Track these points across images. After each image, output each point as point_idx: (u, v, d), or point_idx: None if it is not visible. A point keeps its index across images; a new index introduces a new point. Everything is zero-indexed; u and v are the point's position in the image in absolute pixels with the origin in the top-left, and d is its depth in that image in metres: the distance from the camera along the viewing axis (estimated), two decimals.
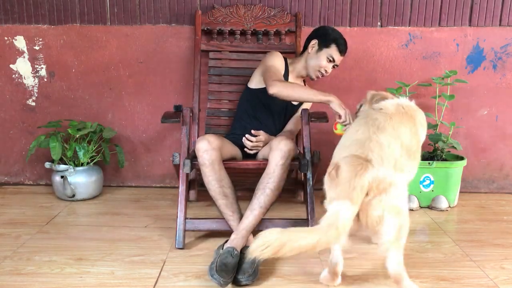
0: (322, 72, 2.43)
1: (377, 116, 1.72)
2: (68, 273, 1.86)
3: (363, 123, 1.72)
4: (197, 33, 2.73)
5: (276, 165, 1.98)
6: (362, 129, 1.68)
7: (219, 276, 1.71)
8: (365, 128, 1.67)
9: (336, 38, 2.41)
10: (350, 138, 1.70)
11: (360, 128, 1.70)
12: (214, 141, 2.02)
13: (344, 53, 2.44)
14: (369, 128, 1.66)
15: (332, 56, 2.39)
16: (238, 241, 1.92)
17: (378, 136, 1.62)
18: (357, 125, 1.75)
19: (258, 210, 1.98)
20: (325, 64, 2.40)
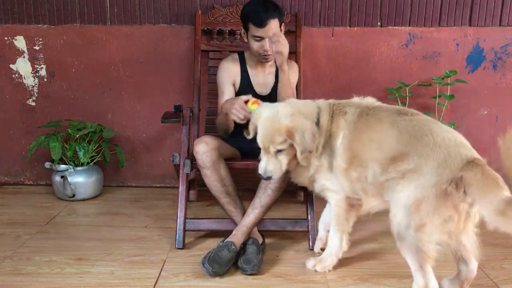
0: (263, 53, 2.14)
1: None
2: (68, 273, 1.86)
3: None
4: (197, 33, 2.73)
5: None
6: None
7: (209, 266, 1.77)
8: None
9: (248, 13, 2.09)
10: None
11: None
12: (211, 142, 2.02)
13: (265, 22, 2.03)
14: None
15: (256, 35, 2.08)
16: (238, 237, 1.95)
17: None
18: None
19: (259, 209, 2.00)
20: (256, 47, 2.12)
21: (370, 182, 1.68)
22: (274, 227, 2.15)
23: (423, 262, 1.53)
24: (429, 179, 1.48)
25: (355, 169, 1.71)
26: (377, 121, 1.69)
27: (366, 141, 1.69)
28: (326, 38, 2.84)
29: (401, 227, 1.54)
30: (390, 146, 1.62)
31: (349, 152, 1.72)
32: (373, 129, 1.69)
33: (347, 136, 1.73)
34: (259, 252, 1.92)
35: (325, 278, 1.85)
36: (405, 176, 1.55)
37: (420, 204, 1.48)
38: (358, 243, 2.17)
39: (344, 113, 1.77)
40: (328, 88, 2.87)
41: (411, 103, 2.80)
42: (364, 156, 1.68)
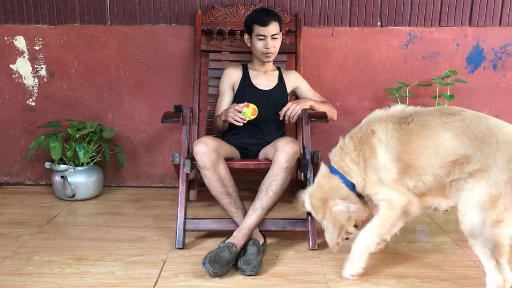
0: (265, 51, 2.36)
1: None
2: (68, 273, 1.86)
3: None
4: (197, 33, 2.73)
5: (280, 168, 1.99)
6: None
7: (210, 266, 1.78)
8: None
9: (252, 18, 2.36)
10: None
11: None
12: (211, 143, 2.02)
13: (268, 22, 2.30)
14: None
15: (260, 34, 2.32)
16: (239, 238, 1.95)
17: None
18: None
19: (260, 211, 2.01)
20: (260, 45, 2.35)
21: (430, 186, 1.68)
22: (274, 227, 2.15)
23: (500, 257, 1.54)
24: (501, 176, 1.49)
25: (410, 178, 1.70)
26: (425, 127, 1.67)
27: (419, 149, 1.67)
28: (326, 38, 2.85)
29: (475, 225, 1.54)
30: (449, 149, 1.61)
31: (399, 164, 1.71)
32: (423, 136, 1.66)
33: (391, 150, 1.72)
34: (259, 253, 1.93)
35: (325, 278, 1.85)
36: (474, 175, 1.55)
37: (496, 201, 1.49)
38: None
39: (372, 133, 1.77)
40: (328, 88, 2.87)
41: (411, 103, 2.78)
42: (420, 165, 1.67)
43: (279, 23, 2.37)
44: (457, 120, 1.63)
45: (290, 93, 2.53)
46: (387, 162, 1.72)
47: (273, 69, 2.54)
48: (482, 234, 1.53)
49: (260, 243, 2.02)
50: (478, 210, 1.53)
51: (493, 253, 1.54)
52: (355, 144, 1.81)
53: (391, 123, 1.75)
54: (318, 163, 2.21)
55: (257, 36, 2.34)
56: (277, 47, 2.40)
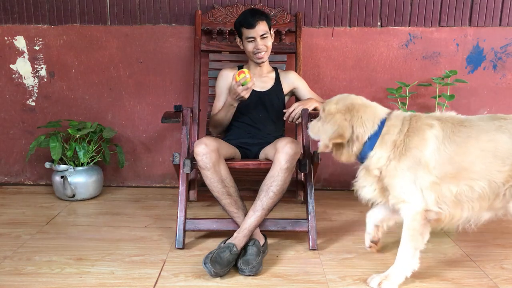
0: (256, 52, 2.36)
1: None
2: (68, 273, 1.86)
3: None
4: (197, 33, 2.73)
5: (280, 168, 1.99)
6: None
7: (211, 266, 1.78)
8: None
9: (239, 21, 2.36)
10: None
11: None
12: (211, 143, 2.02)
13: (254, 23, 2.30)
14: None
15: (249, 36, 2.33)
16: (239, 239, 1.95)
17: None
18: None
19: (260, 212, 2.00)
20: (251, 47, 2.36)
21: (480, 195, 1.63)
22: (274, 227, 2.15)
23: None
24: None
25: (457, 183, 1.64)
26: (482, 132, 1.63)
27: (477, 152, 1.62)
28: (326, 38, 2.85)
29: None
30: (508, 151, 1.59)
31: (450, 166, 1.64)
32: (481, 140, 1.62)
33: (444, 151, 1.65)
34: (259, 253, 1.92)
35: (325, 278, 1.85)
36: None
37: None
38: (358, 243, 2.17)
39: (430, 126, 1.69)
40: (328, 88, 2.87)
41: (411, 103, 2.80)
42: (475, 168, 1.62)
43: (267, 22, 2.36)
44: (509, 123, 1.62)
45: (288, 94, 2.53)
46: (432, 161, 1.65)
47: (269, 70, 2.53)
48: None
49: (261, 243, 2.02)
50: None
51: None
52: (404, 128, 1.71)
53: (449, 123, 1.69)
54: (318, 163, 2.22)
55: (246, 39, 2.35)
56: (269, 46, 2.39)
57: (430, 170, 1.65)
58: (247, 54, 2.43)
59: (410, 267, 1.74)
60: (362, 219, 2.11)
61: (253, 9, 2.47)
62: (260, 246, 1.99)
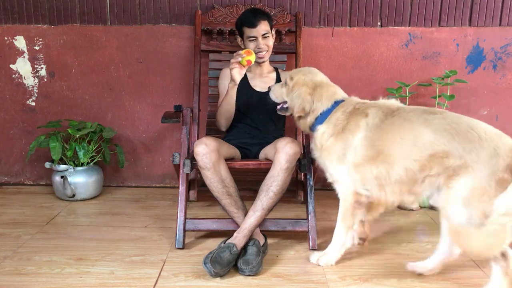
0: (257, 51, 2.35)
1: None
2: (68, 273, 1.86)
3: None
4: (197, 33, 2.73)
5: (280, 168, 1.99)
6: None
7: (211, 266, 1.79)
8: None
9: (241, 20, 2.38)
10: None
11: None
12: (211, 143, 2.02)
13: (256, 23, 2.31)
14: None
15: (250, 35, 2.33)
16: (239, 239, 1.95)
17: None
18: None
19: (260, 212, 2.00)
20: (252, 47, 2.35)
21: (397, 179, 1.71)
22: (274, 227, 2.15)
23: (491, 251, 1.58)
24: (485, 170, 1.52)
25: (377, 165, 1.74)
26: (406, 121, 1.71)
27: (397, 139, 1.70)
28: (326, 38, 2.85)
29: (462, 221, 1.56)
30: (427, 143, 1.64)
31: (371, 150, 1.76)
32: (403, 128, 1.70)
33: (369, 137, 1.77)
34: (259, 253, 1.93)
35: (325, 278, 1.85)
36: (458, 172, 1.57)
37: (482, 195, 1.52)
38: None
39: (365, 115, 1.82)
40: None
41: (411, 103, 2.80)
42: (392, 152, 1.70)
43: (268, 21, 2.37)
44: (438, 118, 1.67)
45: None
46: (359, 145, 1.79)
47: (270, 70, 2.53)
48: (471, 228, 1.55)
49: (261, 243, 2.02)
50: (465, 205, 1.55)
51: (485, 247, 1.57)
52: (347, 111, 1.88)
53: (380, 111, 1.80)
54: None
55: (248, 38, 2.35)
56: (270, 45, 2.39)
57: (356, 153, 1.79)
58: None
59: (343, 245, 1.96)
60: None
61: (254, 8, 2.48)
62: (260, 246, 1.99)
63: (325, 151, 1.90)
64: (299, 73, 2.03)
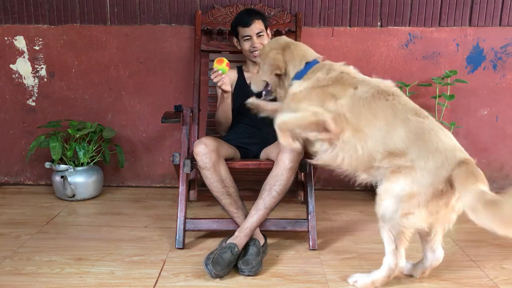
0: (252, 50, 2.37)
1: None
2: (68, 273, 1.86)
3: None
4: (197, 33, 2.73)
5: (284, 168, 1.98)
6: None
7: (212, 267, 1.78)
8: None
9: (235, 21, 2.41)
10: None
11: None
12: (210, 143, 2.02)
13: (250, 22, 2.33)
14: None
15: (245, 35, 2.36)
16: (241, 239, 1.95)
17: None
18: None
19: (263, 211, 2.00)
20: (247, 46, 2.38)
21: (359, 156, 1.73)
22: (274, 227, 2.15)
23: (400, 244, 1.70)
24: (427, 178, 1.60)
25: (351, 133, 1.73)
26: (391, 112, 1.72)
27: (376, 125, 1.72)
28: (326, 38, 2.85)
29: (388, 211, 1.68)
30: (395, 141, 1.67)
31: (352, 119, 1.74)
32: (385, 119, 1.71)
33: (356, 106, 1.74)
34: (259, 253, 1.92)
35: (325, 278, 1.85)
36: (402, 170, 1.65)
37: (413, 197, 1.61)
38: (358, 243, 2.17)
39: (355, 87, 1.79)
40: None
41: None
42: (367, 133, 1.72)
43: (263, 21, 2.39)
44: (418, 121, 1.70)
45: None
46: (345, 108, 1.75)
47: None
48: (391, 220, 1.67)
49: (261, 243, 2.02)
50: (396, 200, 1.65)
51: (395, 239, 1.69)
52: (332, 75, 1.84)
53: (373, 89, 1.78)
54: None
55: (243, 38, 2.37)
56: (265, 44, 2.35)
57: (339, 114, 1.74)
58: (244, 53, 2.44)
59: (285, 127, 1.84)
60: (362, 219, 2.12)
61: (248, 9, 2.51)
62: (260, 247, 1.99)
63: (297, 95, 1.83)
64: (264, 47, 2.05)
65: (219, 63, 2.12)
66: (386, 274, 1.73)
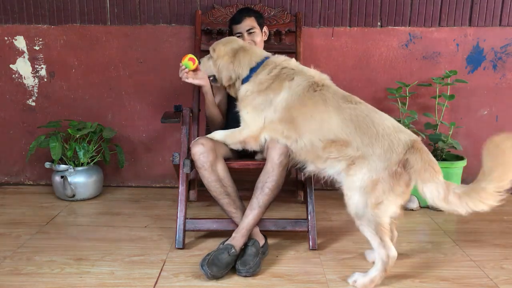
0: None
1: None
2: (68, 273, 1.86)
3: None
4: (197, 33, 2.73)
5: (274, 163, 1.96)
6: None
7: (208, 268, 1.79)
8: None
9: (230, 20, 2.49)
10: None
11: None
12: (207, 143, 2.01)
13: (241, 19, 2.39)
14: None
15: (236, 32, 2.40)
16: (238, 239, 1.94)
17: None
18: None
19: (257, 210, 1.99)
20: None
21: (303, 147, 1.87)
22: (274, 227, 2.15)
23: (383, 235, 1.73)
24: (379, 163, 1.69)
25: (288, 130, 1.90)
26: (322, 102, 1.85)
27: (308, 116, 1.85)
28: (326, 38, 2.85)
29: (359, 207, 1.74)
30: (331, 130, 1.79)
31: (286, 114, 1.90)
32: (316, 108, 1.84)
33: (289, 101, 1.90)
34: (257, 254, 1.92)
35: (325, 278, 1.85)
36: (355, 162, 1.74)
37: (376, 185, 1.69)
38: (358, 243, 2.17)
39: (291, 79, 1.94)
40: None
41: (411, 103, 2.80)
42: (302, 125, 1.86)
43: (255, 18, 2.41)
44: (351, 108, 1.80)
45: None
46: (279, 106, 1.92)
47: None
48: (365, 215, 1.73)
49: (261, 244, 2.02)
50: (361, 193, 1.72)
51: (376, 231, 1.73)
52: (272, 73, 1.98)
53: (306, 81, 1.92)
54: None
55: (235, 35, 2.39)
56: (257, 41, 2.40)
57: (275, 112, 1.92)
58: None
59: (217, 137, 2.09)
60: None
61: (243, 7, 2.57)
62: (260, 247, 1.98)
63: (243, 101, 2.00)
64: (219, 44, 2.13)
65: (183, 59, 2.16)
66: (382, 268, 1.75)
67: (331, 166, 1.83)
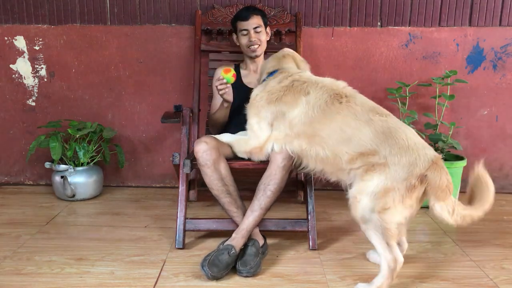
0: (249, 44, 2.39)
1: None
2: (68, 273, 1.86)
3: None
4: (197, 33, 2.73)
5: (277, 166, 1.97)
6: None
7: (208, 269, 1.79)
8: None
9: (235, 16, 2.46)
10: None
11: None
12: (211, 142, 2.02)
13: (248, 16, 2.37)
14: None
15: (242, 29, 2.39)
16: (238, 240, 1.94)
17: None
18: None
19: (258, 211, 1.99)
20: (245, 40, 2.40)
21: (323, 159, 1.83)
22: (274, 227, 2.15)
23: (389, 239, 1.70)
24: (401, 173, 1.67)
25: (309, 143, 1.86)
26: (352, 115, 1.80)
27: (337, 129, 1.80)
28: (326, 38, 2.85)
29: (365, 211, 1.71)
30: (362, 144, 1.75)
31: (307, 128, 1.86)
32: (347, 121, 1.79)
33: (310, 116, 1.85)
34: (257, 254, 1.92)
35: (325, 278, 1.85)
36: (376, 168, 1.70)
37: (388, 192, 1.67)
38: (358, 243, 2.17)
39: (306, 93, 1.90)
40: None
41: (411, 103, 2.80)
42: (327, 140, 1.81)
43: (261, 17, 2.42)
44: (381, 120, 1.77)
45: None
46: (297, 121, 1.88)
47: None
48: (372, 220, 1.70)
49: (260, 244, 2.02)
50: (371, 198, 1.70)
51: (383, 236, 1.70)
52: (283, 84, 1.96)
53: (326, 94, 1.87)
54: None
55: (240, 32, 2.39)
56: (262, 40, 2.41)
57: (291, 127, 1.90)
58: (242, 49, 2.45)
59: (223, 139, 2.14)
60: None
61: (249, 5, 2.56)
62: (259, 247, 1.98)
63: (252, 108, 2.01)
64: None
65: (226, 72, 2.11)
66: (389, 275, 1.70)
67: (351, 176, 1.79)
